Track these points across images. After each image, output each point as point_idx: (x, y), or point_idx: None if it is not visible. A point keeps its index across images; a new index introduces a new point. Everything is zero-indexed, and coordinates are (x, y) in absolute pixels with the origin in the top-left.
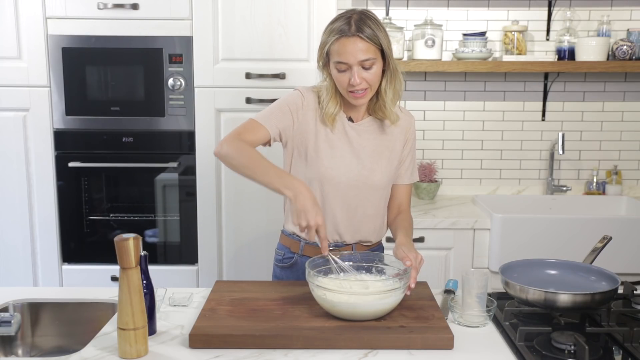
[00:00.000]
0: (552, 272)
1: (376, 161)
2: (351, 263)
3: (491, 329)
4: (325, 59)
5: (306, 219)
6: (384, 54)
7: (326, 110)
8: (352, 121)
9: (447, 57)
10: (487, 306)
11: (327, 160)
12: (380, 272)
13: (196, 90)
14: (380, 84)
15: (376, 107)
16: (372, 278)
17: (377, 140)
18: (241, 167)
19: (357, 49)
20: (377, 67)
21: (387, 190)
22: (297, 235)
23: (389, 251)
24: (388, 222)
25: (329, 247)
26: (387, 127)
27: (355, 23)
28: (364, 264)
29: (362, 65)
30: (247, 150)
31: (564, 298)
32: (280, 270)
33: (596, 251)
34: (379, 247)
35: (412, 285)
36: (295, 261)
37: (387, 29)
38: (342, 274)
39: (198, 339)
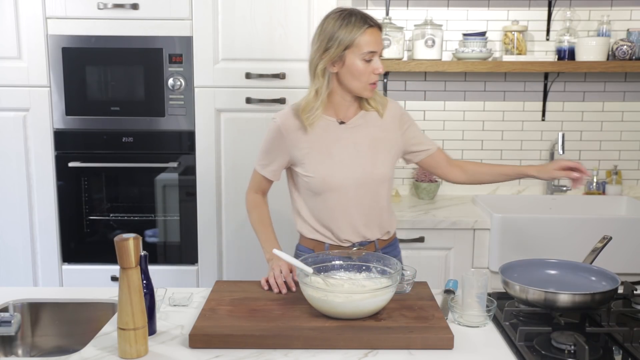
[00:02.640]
0: (552, 272)
1: (375, 153)
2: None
3: (491, 329)
4: (340, 55)
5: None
6: None
7: (315, 114)
8: (344, 123)
9: (447, 57)
10: (487, 306)
11: (328, 170)
12: (369, 270)
13: (196, 90)
14: None
15: (366, 100)
16: (359, 277)
17: (371, 134)
18: (251, 223)
19: (380, 38)
20: None
21: (392, 180)
22: (318, 240)
23: (403, 244)
24: (460, 176)
25: (354, 246)
26: (377, 119)
27: (367, 16)
28: (362, 264)
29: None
30: (251, 213)
31: (564, 298)
32: None
33: (596, 251)
34: (395, 241)
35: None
36: None
37: (387, 29)
38: (322, 274)
39: (198, 339)
